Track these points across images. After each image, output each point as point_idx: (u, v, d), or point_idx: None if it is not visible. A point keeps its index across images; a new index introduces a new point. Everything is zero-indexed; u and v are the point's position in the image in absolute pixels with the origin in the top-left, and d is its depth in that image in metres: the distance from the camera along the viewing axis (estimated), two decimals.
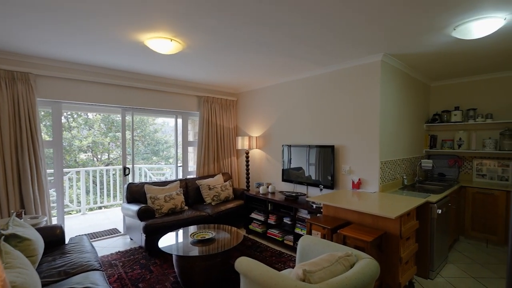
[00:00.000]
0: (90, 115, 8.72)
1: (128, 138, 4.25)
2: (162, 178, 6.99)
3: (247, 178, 4.83)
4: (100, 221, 4.96)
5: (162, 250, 2.60)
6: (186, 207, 4.01)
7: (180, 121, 4.86)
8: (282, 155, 4.27)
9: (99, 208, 5.84)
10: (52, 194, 4.06)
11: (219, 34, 2.57)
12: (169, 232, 3.09)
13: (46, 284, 1.91)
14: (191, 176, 4.85)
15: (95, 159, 9.18)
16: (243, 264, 1.63)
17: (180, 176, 5.00)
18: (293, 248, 3.48)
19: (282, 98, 4.41)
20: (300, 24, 2.35)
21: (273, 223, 3.80)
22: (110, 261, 3.18)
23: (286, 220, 3.67)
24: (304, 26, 2.39)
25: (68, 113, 8.38)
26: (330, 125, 3.71)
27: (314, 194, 3.83)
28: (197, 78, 4.37)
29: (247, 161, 4.82)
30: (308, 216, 3.35)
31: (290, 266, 3.04)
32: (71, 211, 5.75)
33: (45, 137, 5.06)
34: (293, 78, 4.19)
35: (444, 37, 2.60)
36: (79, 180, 5.58)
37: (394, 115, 3.49)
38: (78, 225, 4.73)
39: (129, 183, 3.89)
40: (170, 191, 3.93)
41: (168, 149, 10.18)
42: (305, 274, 1.40)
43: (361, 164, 3.37)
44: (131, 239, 3.93)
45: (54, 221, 3.81)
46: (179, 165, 5.02)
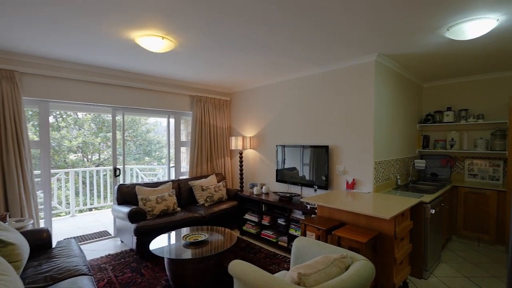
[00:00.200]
0: (80, 115, 8.53)
1: (119, 138, 4.16)
2: (154, 179, 6.89)
3: (241, 179, 4.79)
4: (90, 223, 4.85)
5: (154, 253, 2.54)
6: (179, 209, 3.94)
7: (173, 121, 4.79)
8: (276, 156, 4.24)
9: (89, 210, 5.71)
10: (40, 196, 3.94)
11: (212, 33, 2.52)
12: (161, 234, 3.03)
13: None
14: (184, 177, 4.77)
15: (85, 160, 9.00)
16: (237, 268, 1.58)
17: (173, 177, 4.93)
18: (287, 249, 3.45)
19: (276, 98, 4.38)
20: (294, 24, 2.32)
21: (267, 224, 3.77)
22: (100, 265, 3.09)
23: (280, 221, 3.63)
24: (298, 26, 2.36)
25: (57, 113, 8.18)
26: (324, 125, 3.70)
27: (309, 195, 3.81)
28: (190, 77, 4.31)
29: (241, 162, 4.77)
30: (303, 217, 3.33)
31: (285, 268, 3.01)
32: (60, 213, 5.60)
33: (33, 137, 4.93)
34: (287, 78, 4.16)
35: (438, 38, 2.61)
36: (68, 181, 5.44)
37: (388, 116, 3.49)
38: (67, 228, 4.60)
39: (120, 184, 3.80)
40: (162, 192, 3.86)
41: (161, 150, 10.06)
42: (300, 278, 1.37)
43: (355, 164, 3.37)
44: (122, 242, 3.84)
45: (42, 224, 3.69)
46: (172, 166, 4.94)
